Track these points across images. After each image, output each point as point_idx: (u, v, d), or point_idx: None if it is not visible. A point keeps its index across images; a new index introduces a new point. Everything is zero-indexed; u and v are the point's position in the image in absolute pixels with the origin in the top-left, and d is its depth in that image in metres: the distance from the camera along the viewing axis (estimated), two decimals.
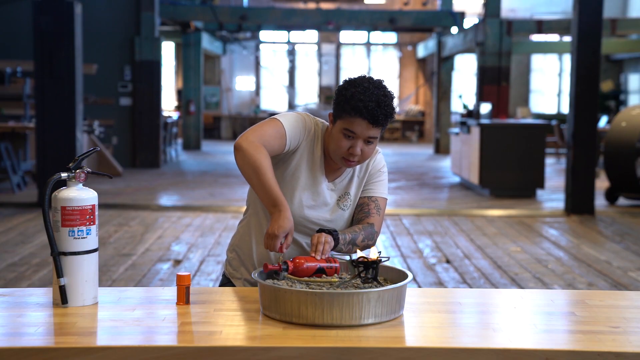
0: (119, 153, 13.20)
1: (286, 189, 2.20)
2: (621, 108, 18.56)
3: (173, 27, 17.16)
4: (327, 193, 2.24)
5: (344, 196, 2.26)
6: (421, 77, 22.58)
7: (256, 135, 2.09)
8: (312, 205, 2.22)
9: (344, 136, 2.14)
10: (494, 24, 14.07)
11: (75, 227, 1.92)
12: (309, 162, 2.22)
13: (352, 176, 2.28)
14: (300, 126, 2.19)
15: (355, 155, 2.14)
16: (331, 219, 2.23)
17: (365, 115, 2.10)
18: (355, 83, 2.14)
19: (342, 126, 2.13)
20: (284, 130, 2.14)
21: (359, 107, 2.09)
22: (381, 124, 2.13)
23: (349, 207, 2.26)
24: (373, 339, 1.71)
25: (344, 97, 2.13)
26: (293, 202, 2.20)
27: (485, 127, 9.91)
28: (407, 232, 7.26)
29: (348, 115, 2.12)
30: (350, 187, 2.27)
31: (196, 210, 8.38)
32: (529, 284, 5.31)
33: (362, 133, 2.12)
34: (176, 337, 1.73)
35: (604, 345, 1.68)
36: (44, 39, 7.96)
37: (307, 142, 2.22)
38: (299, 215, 2.20)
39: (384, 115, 2.12)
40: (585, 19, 8.15)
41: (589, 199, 8.30)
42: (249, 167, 2.05)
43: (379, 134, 2.16)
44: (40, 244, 6.37)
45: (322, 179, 2.24)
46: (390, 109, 2.14)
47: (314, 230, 2.21)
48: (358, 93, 2.11)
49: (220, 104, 22.02)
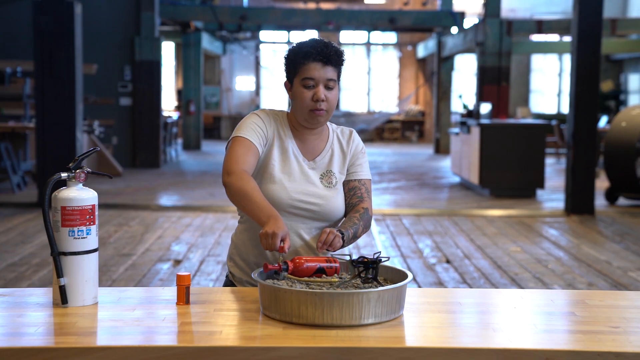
0: (119, 153, 13.20)
1: (267, 176, 2.22)
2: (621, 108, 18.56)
3: (173, 27, 17.16)
4: (308, 172, 2.26)
5: (327, 174, 2.27)
6: (421, 77, 22.58)
7: (231, 164, 2.14)
8: (296, 185, 2.22)
9: (304, 88, 2.21)
10: (494, 24, 14.07)
11: (75, 227, 1.92)
12: (280, 147, 2.26)
13: (331, 154, 2.30)
14: (258, 123, 2.24)
15: (320, 100, 2.19)
16: (321, 196, 2.23)
17: (316, 57, 2.19)
18: (299, 41, 2.26)
19: (300, 79, 2.21)
20: (248, 141, 2.19)
21: (309, 52, 2.19)
22: (334, 62, 2.21)
23: (336, 184, 2.27)
24: (373, 339, 1.71)
25: (293, 54, 2.23)
26: (277, 187, 2.20)
27: (485, 127, 9.91)
28: (407, 232, 7.26)
29: (301, 65, 2.20)
30: (332, 164, 2.29)
31: (196, 210, 8.38)
32: (529, 284, 5.31)
33: (320, 76, 2.19)
34: (176, 337, 1.73)
35: (604, 345, 1.68)
36: (44, 39, 7.96)
37: (273, 131, 2.26)
38: (287, 198, 2.20)
39: (335, 52, 2.21)
40: (585, 19, 8.15)
41: (589, 199, 8.30)
42: (237, 198, 2.10)
43: (336, 78, 2.22)
44: (40, 244, 6.37)
45: (300, 158, 2.27)
46: (339, 50, 2.23)
47: (308, 212, 2.21)
48: (304, 44, 2.22)
49: (220, 104, 22.02)
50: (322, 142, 2.32)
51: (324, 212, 2.23)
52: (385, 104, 22.63)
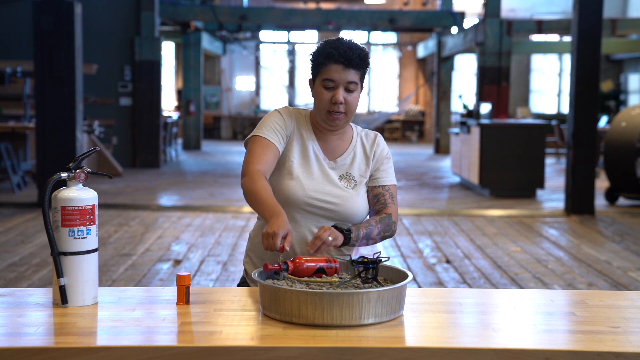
0: (119, 153, 13.20)
1: (285, 173, 2.21)
2: (621, 108, 18.56)
3: (173, 27, 17.16)
4: (328, 171, 2.25)
5: (345, 176, 2.26)
6: (421, 77, 22.58)
7: (246, 165, 2.15)
8: (314, 183, 2.21)
9: (324, 89, 2.19)
10: (494, 24, 14.07)
11: (75, 227, 1.92)
12: (300, 144, 2.25)
13: (353, 156, 2.29)
14: (278, 121, 2.23)
15: (339, 102, 2.18)
16: (339, 196, 2.22)
17: (338, 59, 2.17)
18: (326, 40, 2.24)
19: (321, 79, 2.20)
20: (265, 140, 2.19)
21: (331, 53, 2.17)
22: (357, 66, 2.18)
23: (355, 188, 2.25)
24: (373, 339, 1.71)
25: (317, 54, 2.22)
26: (294, 183, 2.20)
27: (485, 127, 9.91)
28: (407, 232, 7.26)
29: (323, 66, 2.19)
30: (353, 167, 2.27)
31: (196, 210, 8.38)
32: (529, 284, 5.31)
33: (340, 78, 2.17)
34: (176, 337, 1.73)
35: (604, 345, 1.68)
36: (44, 39, 7.96)
37: (294, 128, 2.26)
38: (303, 195, 2.19)
39: (358, 56, 2.18)
40: (585, 19, 8.15)
41: (589, 199, 8.30)
42: (248, 199, 2.10)
43: (359, 81, 2.20)
44: (40, 244, 6.37)
45: (320, 157, 2.26)
46: (364, 52, 2.21)
47: (324, 211, 2.21)
48: (328, 45, 2.20)
49: (220, 104, 22.02)
50: (345, 143, 2.30)
51: (341, 212, 2.21)
52: (385, 104, 22.63)
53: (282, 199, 2.19)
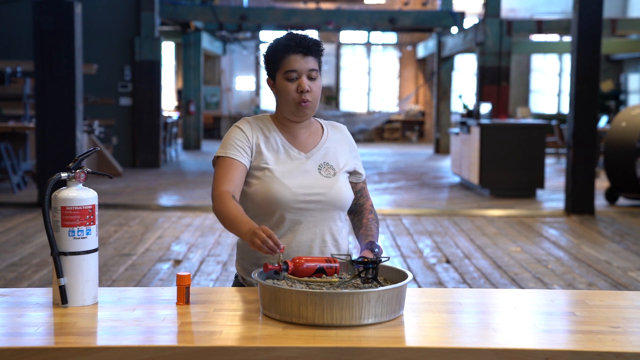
0: (119, 153, 13.20)
1: (266, 179, 2.21)
2: (621, 108, 18.56)
3: (173, 27, 17.16)
4: (305, 164, 2.26)
5: (324, 165, 2.28)
6: (421, 77, 22.57)
7: (215, 189, 2.18)
8: (297, 180, 2.22)
9: (288, 81, 2.21)
10: (494, 24, 14.07)
11: (75, 227, 1.92)
12: (270, 148, 2.26)
13: (328, 148, 2.31)
14: (238, 137, 2.25)
15: (305, 90, 2.20)
16: (323, 185, 2.23)
17: (296, 49, 2.20)
18: (274, 39, 2.26)
19: (282, 73, 2.22)
20: (228, 159, 2.21)
21: (288, 44, 2.20)
22: (314, 52, 2.22)
23: (335, 176, 2.27)
24: (373, 339, 1.71)
25: (272, 50, 2.24)
26: (279, 187, 2.20)
27: (485, 127, 9.91)
28: (407, 232, 7.26)
29: (282, 59, 2.21)
30: (329, 157, 2.29)
31: (196, 210, 8.38)
32: (529, 284, 5.31)
33: (302, 67, 2.20)
34: (176, 337, 1.73)
35: (604, 345, 1.68)
36: (44, 39, 7.96)
37: (257, 136, 2.26)
38: (291, 195, 2.20)
39: (314, 42, 2.23)
40: (585, 19, 8.15)
41: (589, 199, 8.30)
42: (222, 222, 2.13)
43: (318, 67, 2.23)
44: (40, 244, 6.37)
45: (294, 153, 2.27)
46: (317, 40, 2.25)
47: (314, 204, 2.22)
48: (282, 39, 2.23)
49: (220, 104, 22.02)
50: (316, 136, 2.33)
51: (330, 201, 2.23)
52: (385, 104, 22.63)
53: (271, 204, 2.20)
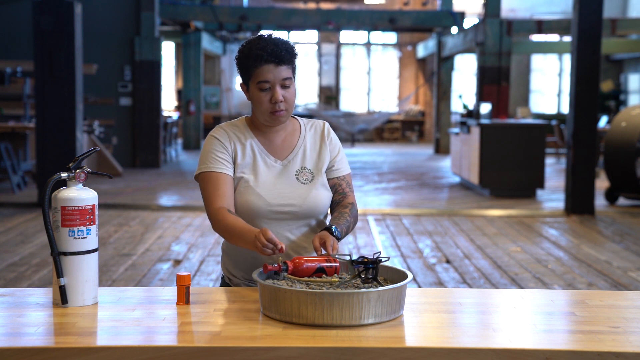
0: (119, 153, 13.20)
1: (241, 189, 2.20)
2: (621, 108, 18.56)
3: (173, 27, 17.16)
4: (281, 172, 2.24)
5: (301, 170, 2.25)
6: (421, 77, 22.57)
7: (209, 208, 2.17)
8: (272, 190, 2.20)
9: (261, 91, 2.17)
10: (494, 24, 14.07)
11: (75, 227, 1.92)
12: (247, 155, 2.24)
13: (304, 150, 2.28)
14: (216, 147, 2.22)
15: (278, 101, 2.16)
16: (298, 195, 2.21)
17: (268, 59, 2.14)
18: (248, 41, 2.20)
19: (255, 82, 2.17)
20: (214, 173, 2.19)
21: (259, 54, 2.14)
22: (287, 61, 2.16)
23: (313, 180, 2.24)
24: (373, 339, 1.71)
25: (244, 57, 2.18)
26: (253, 197, 2.19)
27: (485, 127, 9.91)
28: (407, 232, 7.26)
29: (254, 69, 2.16)
30: (305, 160, 2.27)
31: (196, 210, 8.38)
32: (529, 284, 5.31)
33: (274, 77, 2.15)
34: (176, 337, 1.73)
35: (604, 345, 1.68)
36: (44, 39, 7.96)
37: (235, 143, 2.24)
38: (265, 206, 2.19)
39: (286, 50, 2.16)
40: (585, 19, 8.15)
41: (589, 199, 8.30)
42: (229, 238, 2.13)
43: (292, 74, 2.18)
44: (40, 244, 6.37)
45: (270, 160, 2.24)
46: (289, 45, 2.18)
47: (288, 214, 2.20)
48: (253, 46, 2.16)
49: (220, 104, 22.02)
50: (293, 138, 2.30)
51: (304, 211, 2.21)
52: (385, 104, 22.63)
53: (245, 213, 2.19)
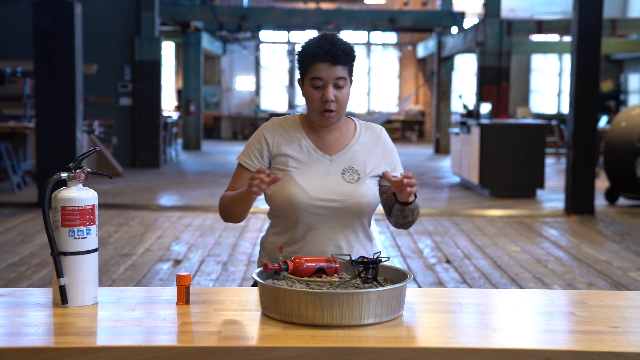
0: (119, 153, 13.20)
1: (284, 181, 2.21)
2: (621, 108, 18.56)
3: (173, 27, 17.16)
4: (328, 167, 2.24)
5: (348, 170, 2.24)
6: (421, 77, 22.57)
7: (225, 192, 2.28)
8: (315, 184, 2.21)
9: (313, 88, 2.18)
10: (494, 24, 14.07)
11: (75, 227, 1.92)
12: (293, 149, 2.25)
13: (355, 151, 2.27)
14: (257, 144, 2.27)
15: (329, 100, 2.17)
16: (342, 192, 2.21)
17: (324, 57, 2.15)
18: (308, 40, 2.22)
19: (309, 79, 2.18)
20: (241, 167, 2.28)
21: (316, 52, 2.15)
22: (343, 61, 2.17)
23: (358, 180, 2.24)
24: (373, 339, 1.71)
25: (302, 54, 2.20)
26: (295, 190, 2.20)
27: (485, 127, 9.91)
28: (407, 232, 7.26)
29: (310, 65, 2.18)
30: (356, 161, 2.26)
31: (196, 210, 8.38)
32: (529, 284, 5.31)
33: (328, 76, 2.16)
34: (176, 337, 1.73)
35: (604, 345, 1.68)
36: (44, 39, 7.96)
37: (279, 139, 2.26)
38: (307, 199, 2.19)
39: (343, 52, 2.17)
40: (585, 19, 8.15)
41: (589, 199, 8.30)
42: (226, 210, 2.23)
43: (347, 75, 2.19)
44: (40, 244, 6.37)
45: (317, 155, 2.25)
46: (348, 46, 2.19)
47: (329, 210, 2.21)
48: (312, 44, 2.18)
49: (220, 104, 22.02)
50: (346, 137, 2.30)
51: (345, 209, 2.21)
52: (385, 103, 22.63)
53: (287, 206, 2.20)
